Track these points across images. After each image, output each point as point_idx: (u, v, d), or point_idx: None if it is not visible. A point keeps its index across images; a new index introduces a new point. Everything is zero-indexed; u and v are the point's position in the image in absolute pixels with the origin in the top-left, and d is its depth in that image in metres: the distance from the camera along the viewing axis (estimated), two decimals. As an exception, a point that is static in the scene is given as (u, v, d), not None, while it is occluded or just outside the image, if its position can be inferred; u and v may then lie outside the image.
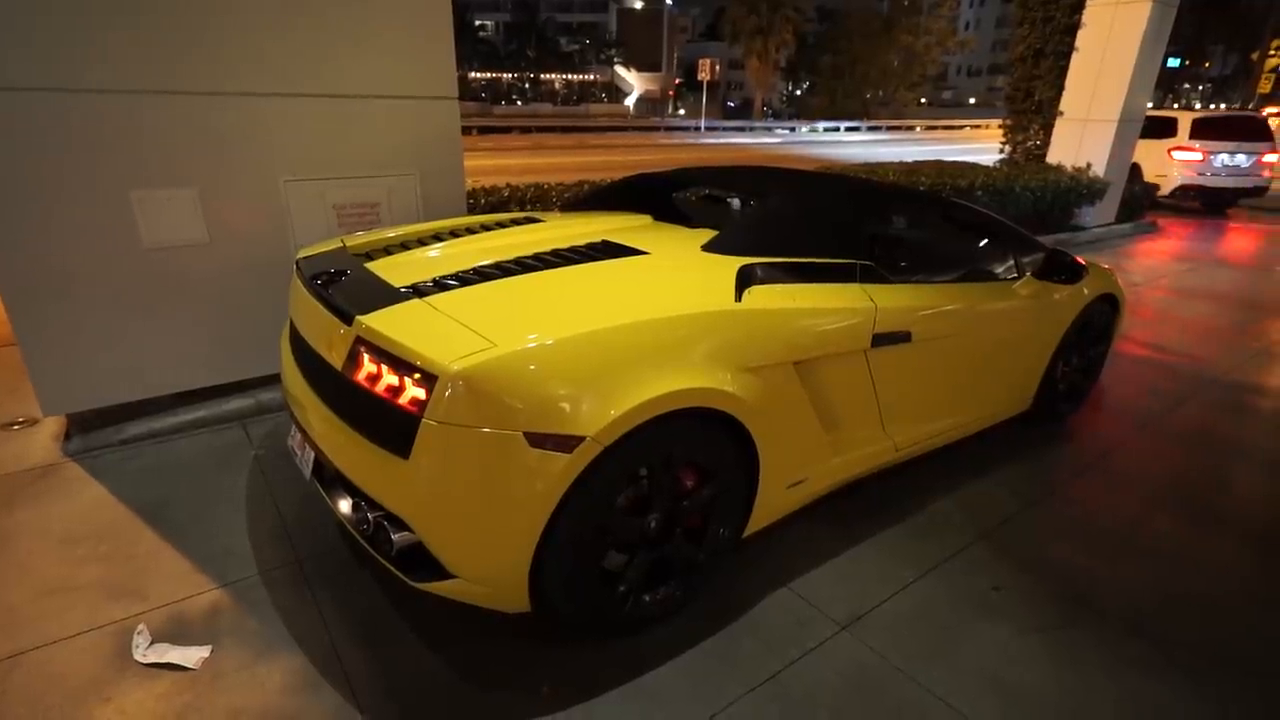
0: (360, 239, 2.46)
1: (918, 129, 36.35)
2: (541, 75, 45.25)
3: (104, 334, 2.80)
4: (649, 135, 28.56)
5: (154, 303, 2.88)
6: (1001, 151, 9.38)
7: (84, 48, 2.51)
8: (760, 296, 1.97)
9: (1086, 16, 7.90)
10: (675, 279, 2.03)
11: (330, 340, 1.79)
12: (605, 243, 2.25)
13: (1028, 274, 2.80)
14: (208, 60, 2.74)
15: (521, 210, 4.43)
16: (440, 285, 1.86)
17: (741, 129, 32.46)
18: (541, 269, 1.98)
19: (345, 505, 1.79)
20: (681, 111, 44.88)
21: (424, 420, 1.51)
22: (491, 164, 14.29)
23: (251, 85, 2.86)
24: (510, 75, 44.46)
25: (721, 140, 27.06)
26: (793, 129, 33.10)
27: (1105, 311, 3.24)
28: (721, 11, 35.68)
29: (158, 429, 2.97)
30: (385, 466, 1.61)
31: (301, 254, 2.33)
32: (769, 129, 33.08)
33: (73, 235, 2.64)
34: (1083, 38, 7.97)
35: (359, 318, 1.68)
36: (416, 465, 1.55)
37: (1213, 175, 10.07)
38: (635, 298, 1.85)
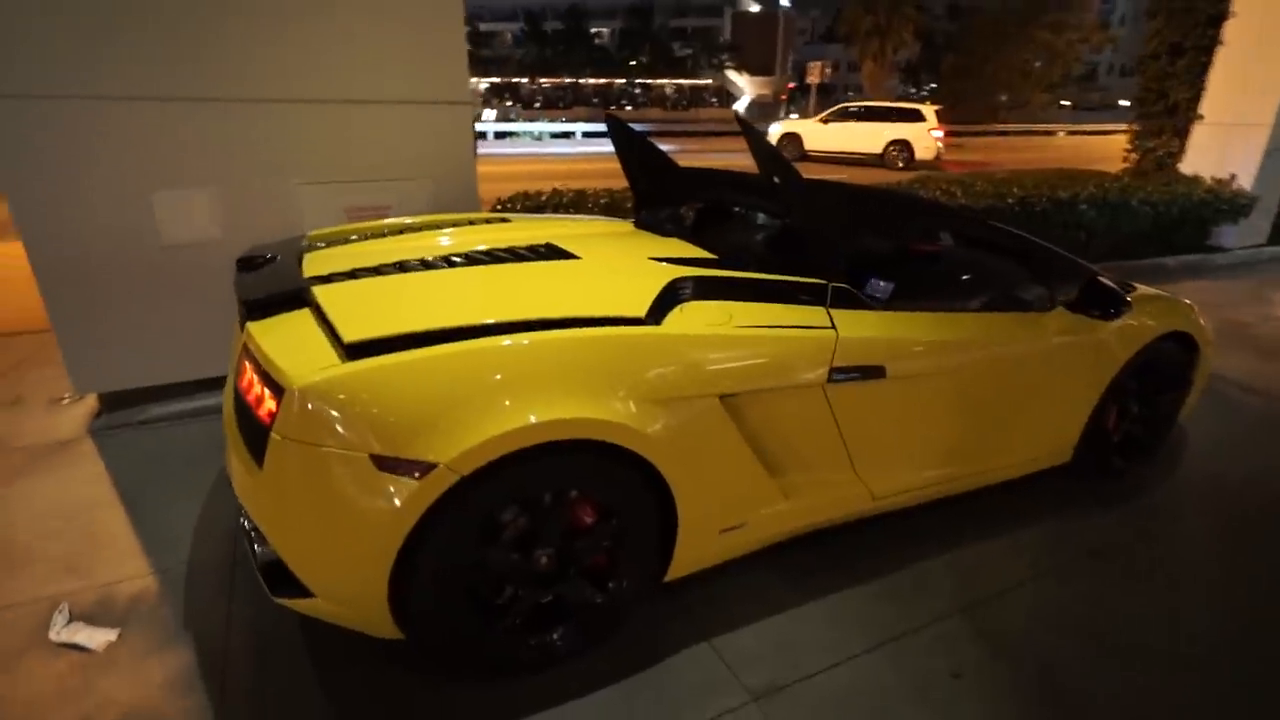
0: (324, 231, 2.51)
1: (1061, 134, 33.42)
2: (653, 80, 45.70)
3: (126, 322, 3.01)
4: (756, 140, 27.99)
5: (171, 295, 3.07)
6: (1125, 160, 8.37)
7: (109, 59, 2.70)
8: (690, 315, 1.79)
9: (1237, 5, 6.86)
10: (588, 286, 1.94)
11: (238, 336, 1.81)
12: (548, 245, 2.18)
13: (1059, 306, 2.40)
14: (224, 68, 2.88)
15: (557, 213, 4.40)
16: (351, 275, 1.85)
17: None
18: (464, 265, 1.98)
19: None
20: (794, 116, 43.78)
21: (271, 434, 1.46)
22: (590, 168, 14.46)
23: (266, 91, 2.98)
24: (622, 81, 45.21)
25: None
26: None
27: (1176, 353, 2.73)
28: (841, 12, 34.41)
29: (175, 412, 3.16)
30: (250, 475, 1.58)
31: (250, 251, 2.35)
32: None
33: (98, 231, 2.85)
34: (1230, 30, 6.93)
35: (248, 324, 1.67)
36: (267, 478, 1.50)
37: (948, 147, 16.65)
38: (532, 301, 1.79)
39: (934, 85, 38.70)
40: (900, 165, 15.49)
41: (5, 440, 2.85)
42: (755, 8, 52.32)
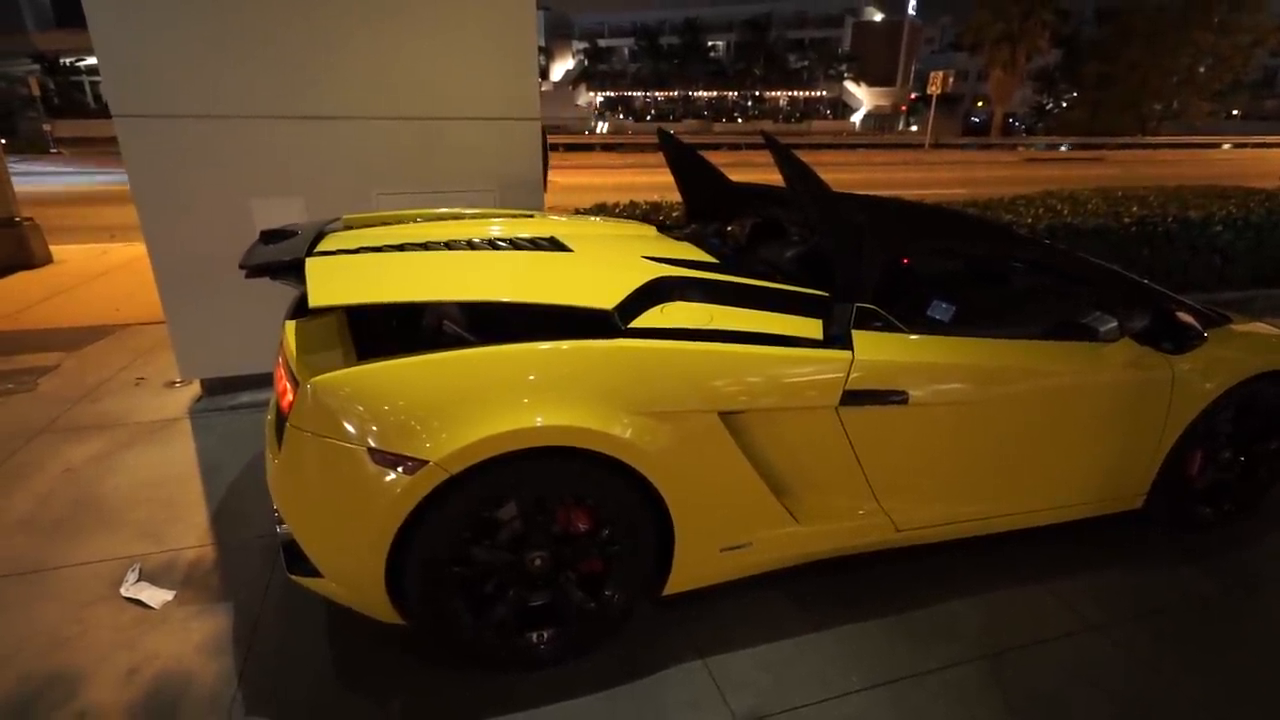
0: (359, 215, 2.64)
1: (1226, 146, 30.07)
2: (767, 93, 45.36)
3: (226, 316, 3.36)
4: (861, 153, 27.11)
5: (266, 292, 3.38)
6: (1284, 176, 7.41)
7: (215, 83, 3.05)
8: (670, 314, 1.80)
9: None
10: (567, 276, 1.97)
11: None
12: (551, 239, 2.25)
13: (1125, 337, 2.18)
14: (314, 88, 3.18)
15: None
16: (353, 252, 1.97)
17: (987, 146, 29.45)
18: (459, 250, 2.05)
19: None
20: (914, 128, 41.92)
21: (288, 423, 1.60)
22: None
23: (351, 109, 3.26)
24: (735, 93, 45.20)
25: (939, 160, 24.79)
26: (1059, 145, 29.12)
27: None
28: (970, 19, 32.62)
29: (262, 400, 3.49)
30: (273, 459, 1.74)
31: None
32: (1012, 147, 29.60)
33: (205, 233, 3.22)
34: None
35: (286, 322, 1.84)
36: (283, 463, 1.65)
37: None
38: (504, 284, 1.86)
39: (1074, 94, 35.78)
40: None
41: (122, 416, 3.27)
42: (878, 17, 50.77)
